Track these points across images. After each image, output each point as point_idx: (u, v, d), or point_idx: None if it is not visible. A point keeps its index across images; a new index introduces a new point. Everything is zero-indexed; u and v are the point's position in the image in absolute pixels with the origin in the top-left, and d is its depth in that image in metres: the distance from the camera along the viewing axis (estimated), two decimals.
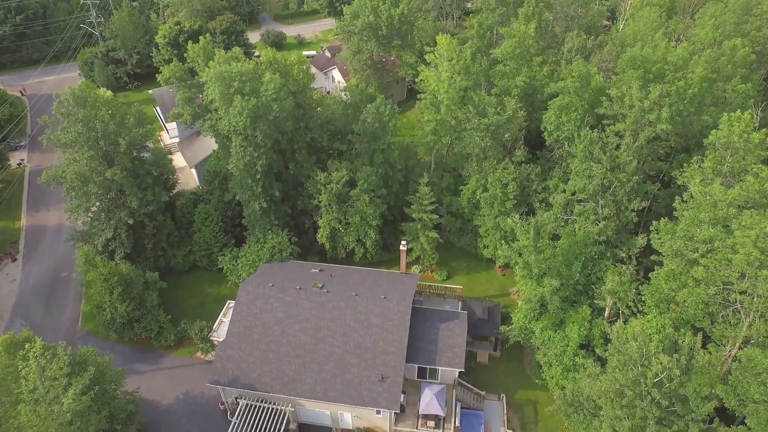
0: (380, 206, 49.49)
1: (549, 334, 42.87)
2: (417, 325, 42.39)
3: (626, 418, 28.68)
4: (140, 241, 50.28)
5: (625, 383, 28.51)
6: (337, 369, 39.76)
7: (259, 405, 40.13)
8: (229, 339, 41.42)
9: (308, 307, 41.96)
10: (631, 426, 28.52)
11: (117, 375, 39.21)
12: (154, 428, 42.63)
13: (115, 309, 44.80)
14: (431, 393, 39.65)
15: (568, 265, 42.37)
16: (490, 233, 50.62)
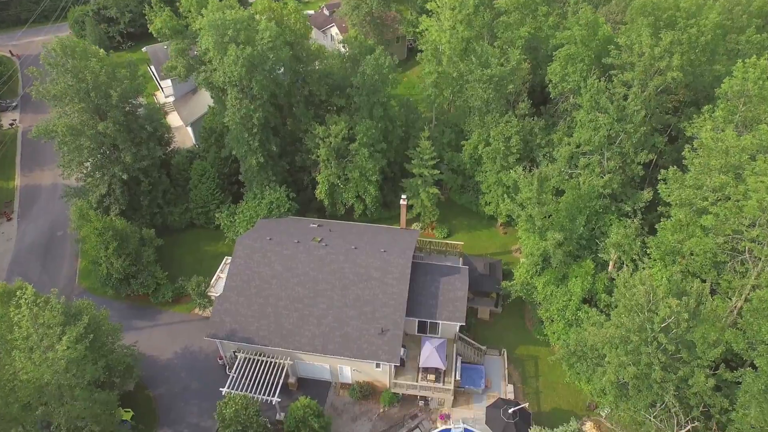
0: (380, 161, 48.31)
1: (551, 289, 42.18)
2: (417, 279, 41.67)
3: (631, 365, 28.04)
4: (135, 198, 49.29)
5: (632, 327, 27.78)
6: (335, 322, 39.19)
7: (257, 358, 39.70)
8: (226, 293, 40.76)
9: (306, 260, 41.18)
10: (636, 372, 27.89)
11: (113, 329, 38.72)
12: (152, 383, 42.34)
13: (111, 264, 44.07)
14: (432, 346, 39.15)
15: (572, 219, 41.44)
16: (492, 189, 49.56)
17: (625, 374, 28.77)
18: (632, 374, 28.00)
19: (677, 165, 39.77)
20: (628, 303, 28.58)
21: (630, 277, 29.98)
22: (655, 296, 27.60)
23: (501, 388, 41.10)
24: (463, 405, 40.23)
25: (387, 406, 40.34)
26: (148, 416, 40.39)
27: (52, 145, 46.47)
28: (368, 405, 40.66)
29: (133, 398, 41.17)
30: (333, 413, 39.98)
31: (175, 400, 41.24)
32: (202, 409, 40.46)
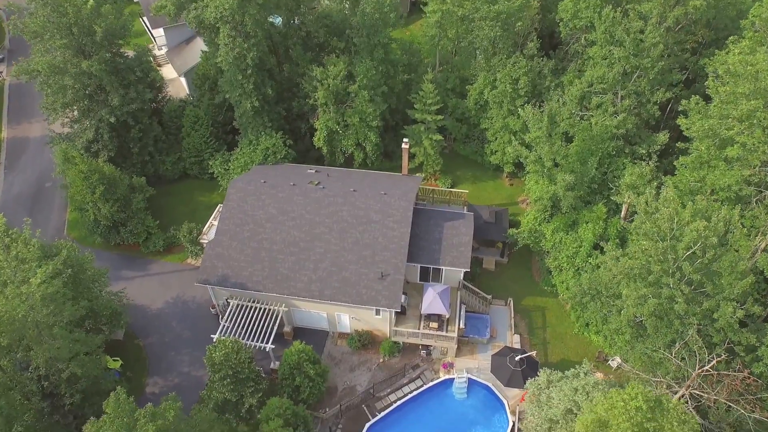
0: (381, 105, 45.38)
1: (560, 236, 39.61)
2: (420, 224, 39.13)
3: (651, 297, 25.55)
4: (125, 145, 46.55)
5: (654, 254, 25.19)
6: (333, 267, 36.75)
7: (251, 305, 37.39)
8: (218, 237, 38.30)
9: (303, 203, 38.62)
10: (656, 305, 25.40)
11: (98, 273, 36.40)
12: (142, 332, 40.16)
13: (98, 210, 41.55)
14: (434, 292, 36.74)
15: (583, 162, 38.69)
16: (498, 136, 46.69)
17: (644, 310, 26.28)
18: (652, 308, 25.50)
19: None
20: (650, 230, 25.95)
21: (652, 199, 27.23)
22: (680, 221, 24.96)
23: (507, 338, 38.78)
24: (467, 355, 37.96)
25: (387, 356, 38.10)
26: (137, 365, 38.28)
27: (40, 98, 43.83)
28: (367, 355, 38.43)
29: (122, 347, 39.02)
30: (330, 363, 37.79)
31: (166, 350, 39.09)
32: (193, 358, 38.32)
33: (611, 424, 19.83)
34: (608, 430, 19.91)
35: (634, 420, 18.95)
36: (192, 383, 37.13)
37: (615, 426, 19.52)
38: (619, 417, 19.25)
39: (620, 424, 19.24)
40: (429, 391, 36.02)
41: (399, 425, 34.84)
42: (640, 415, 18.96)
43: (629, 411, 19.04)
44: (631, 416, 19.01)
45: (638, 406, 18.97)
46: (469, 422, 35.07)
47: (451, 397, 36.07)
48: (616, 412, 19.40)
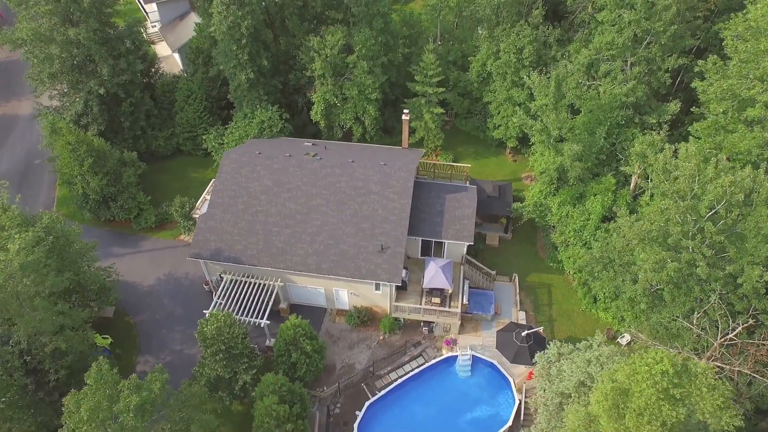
0: (380, 77, 43.28)
1: (567, 210, 37.70)
2: (421, 196, 37.15)
3: (670, 261, 23.63)
4: (116, 119, 44.48)
5: (676, 212, 23.22)
6: (331, 239, 34.79)
7: (245, 280, 35.45)
8: (211, 210, 36.29)
9: (299, 174, 36.60)
10: (677, 269, 23.48)
11: (86, 247, 34.40)
12: (133, 310, 38.22)
13: (87, 183, 39.51)
14: (436, 266, 34.81)
15: (591, 132, 36.75)
16: (501, 109, 44.67)
17: (662, 276, 24.35)
18: (671, 272, 23.56)
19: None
20: (669, 188, 23.99)
21: (671, 157, 25.21)
22: (702, 178, 22.98)
23: (512, 314, 36.90)
24: (470, 332, 36.07)
25: (387, 334, 36.21)
26: (127, 343, 36.36)
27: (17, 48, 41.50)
28: (367, 332, 36.52)
29: (112, 325, 37.10)
30: (328, 341, 35.90)
31: (158, 327, 37.16)
32: (186, 336, 36.40)
33: (632, 392, 17.97)
34: (630, 398, 18.05)
35: (660, 386, 17.09)
36: (184, 361, 35.24)
37: (637, 393, 17.66)
38: (643, 383, 17.40)
39: (643, 391, 17.39)
40: (431, 369, 34.14)
41: (400, 404, 33.00)
42: (666, 380, 17.10)
43: (654, 376, 17.18)
44: (656, 381, 17.15)
45: (664, 370, 17.12)
46: (473, 401, 33.21)
47: (454, 375, 34.19)
48: (638, 378, 17.54)
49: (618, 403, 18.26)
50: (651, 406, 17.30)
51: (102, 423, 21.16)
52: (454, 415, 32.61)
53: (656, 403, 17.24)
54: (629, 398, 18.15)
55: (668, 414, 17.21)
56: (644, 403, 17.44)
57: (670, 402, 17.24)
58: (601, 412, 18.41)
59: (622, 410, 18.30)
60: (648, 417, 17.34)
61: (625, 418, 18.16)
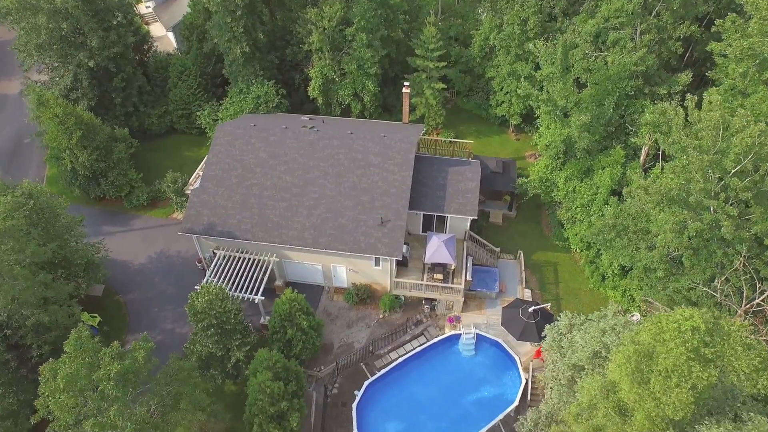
0: (380, 51, 41.44)
1: (574, 185, 35.88)
2: (422, 170, 35.39)
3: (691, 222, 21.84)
4: (107, 94, 42.63)
5: (700, 166, 21.40)
6: (329, 213, 32.99)
7: (239, 256, 33.63)
8: (204, 184, 34.47)
9: (296, 146, 34.80)
10: (699, 229, 21.67)
11: (73, 221, 32.64)
12: (123, 288, 36.37)
13: (76, 158, 37.64)
14: (439, 240, 33.03)
15: (599, 103, 34.98)
16: (504, 84, 42.87)
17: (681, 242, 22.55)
18: (693, 233, 21.76)
19: (711, 58, 33.05)
20: (690, 143, 22.18)
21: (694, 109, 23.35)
22: (728, 130, 21.18)
23: (517, 292, 35.09)
24: (474, 310, 34.27)
25: (387, 312, 34.40)
26: (116, 322, 34.50)
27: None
28: (366, 310, 34.72)
29: (101, 304, 35.24)
30: (326, 319, 34.09)
31: (148, 306, 35.32)
32: (177, 315, 34.55)
33: (658, 353, 16.20)
34: (655, 360, 16.29)
35: (690, 344, 15.33)
36: (176, 340, 33.39)
37: (664, 354, 15.90)
38: (670, 342, 15.64)
39: (671, 351, 15.64)
40: (433, 347, 32.35)
41: (400, 384, 31.20)
42: (697, 338, 15.34)
43: (684, 333, 15.43)
44: (685, 340, 15.39)
45: (695, 326, 15.36)
46: (477, 381, 31.43)
47: (457, 354, 32.42)
48: (666, 337, 15.78)
49: (642, 366, 16.49)
50: (680, 368, 15.54)
51: (80, 392, 19.36)
52: (458, 396, 30.82)
53: (685, 364, 15.49)
54: (654, 361, 16.38)
55: (699, 376, 15.46)
56: (672, 364, 15.67)
57: (701, 363, 15.49)
58: (623, 375, 16.63)
59: (647, 374, 16.53)
60: (676, 379, 15.59)
61: (650, 383, 16.39)
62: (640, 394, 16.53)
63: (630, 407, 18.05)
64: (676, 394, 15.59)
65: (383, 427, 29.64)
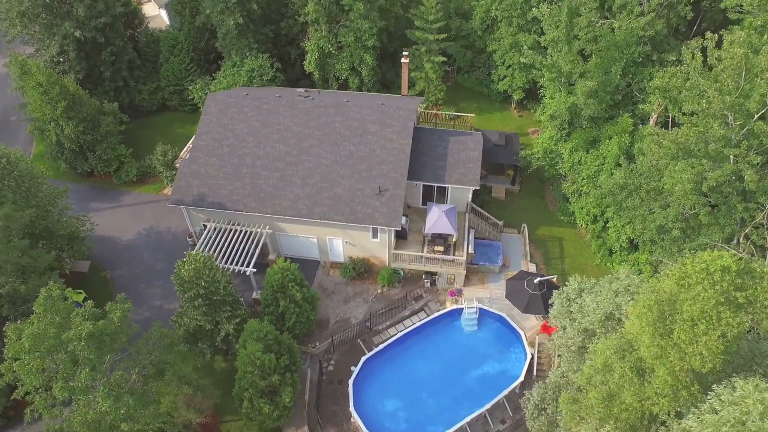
0: (378, 22, 39.75)
1: (579, 156, 34.27)
2: (423, 140, 33.74)
3: (710, 172, 20.14)
4: (96, 68, 40.97)
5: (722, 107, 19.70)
6: (324, 182, 31.32)
7: (230, 228, 31.95)
8: (194, 154, 32.82)
9: (290, 115, 33.14)
10: (719, 179, 19.97)
11: (56, 192, 31.03)
12: (110, 264, 34.69)
13: (61, 130, 35.98)
14: (440, 210, 31.36)
15: (606, 71, 33.35)
16: (506, 58, 41.20)
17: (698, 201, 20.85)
18: (713, 183, 20.06)
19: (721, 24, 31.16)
20: (710, 86, 20.49)
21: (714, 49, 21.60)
22: (751, 71, 19.50)
23: (521, 267, 33.38)
24: (477, 285, 32.56)
25: (386, 287, 32.70)
26: (102, 298, 31.94)
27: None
28: (363, 285, 33.01)
29: (87, 280, 33.52)
30: (322, 294, 32.37)
31: (136, 282, 33.63)
32: (166, 291, 32.84)
33: (682, 301, 14.52)
34: (678, 308, 14.60)
35: (720, 287, 13.67)
36: (164, 316, 31.45)
37: (690, 300, 14.21)
38: (698, 286, 13.97)
39: (698, 295, 13.97)
40: (434, 323, 30.65)
41: (399, 360, 29.49)
42: (727, 280, 13.68)
43: (713, 275, 13.77)
44: (714, 282, 13.73)
45: (725, 266, 13.69)
46: (480, 357, 29.72)
47: (459, 330, 30.72)
48: (692, 281, 14.11)
49: (664, 315, 14.81)
50: (708, 313, 13.87)
51: (48, 353, 17.66)
52: (460, 372, 29.10)
53: (714, 309, 13.82)
54: (678, 309, 14.70)
55: (729, 323, 13.79)
56: (699, 310, 14.00)
57: (731, 308, 13.82)
58: (644, 326, 14.93)
59: (669, 324, 14.85)
60: (704, 326, 13.90)
61: (673, 333, 14.71)
62: (663, 346, 14.84)
63: (649, 366, 16.36)
64: (704, 342, 13.90)
65: (381, 404, 27.94)
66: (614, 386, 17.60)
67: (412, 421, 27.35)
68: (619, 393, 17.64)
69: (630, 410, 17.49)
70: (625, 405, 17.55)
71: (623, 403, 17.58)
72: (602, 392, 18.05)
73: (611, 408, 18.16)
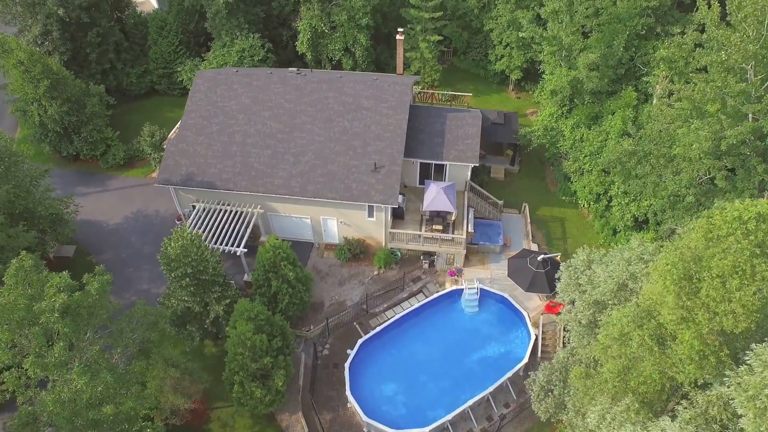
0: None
1: (581, 133, 32.84)
2: (419, 116, 32.22)
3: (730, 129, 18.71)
4: (81, 50, 39.18)
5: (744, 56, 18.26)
6: (317, 159, 29.73)
7: (220, 208, 30.31)
8: (182, 132, 31.15)
9: (281, 91, 31.54)
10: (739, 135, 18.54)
11: (38, 171, 29.30)
12: (96, 249, 32.92)
13: (44, 110, 34.21)
14: (438, 187, 29.83)
15: (608, 45, 31.96)
16: (504, 36, 39.75)
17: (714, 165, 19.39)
18: (734, 141, 18.61)
19: None
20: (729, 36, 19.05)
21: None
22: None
23: (523, 247, 31.93)
24: (477, 265, 31.04)
25: (383, 268, 31.13)
26: None
27: None
28: (359, 267, 31.41)
29: (72, 265, 31.69)
30: (316, 277, 30.77)
31: (123, 266, 31.87)
32: (154, 275, 31.15)
33: (710, 256, 13.05)
34: (706, 265, 13.13)
35: (755, 237, 12.21)
36: (151, 301, 29.44)
37: (719, 254, 12.74)
38: (729, 238, 12.52)
39: (730, 247, 12.52)
40: (433, 304, 29.10)
41: (397, 343, 27.92)
42: (764, 229, 12.23)
43: (747, 223, 12.32)
44: (748, 231, 12.28)
45: (762, 212, 12.24)
46: (482, 338, 28.17)
47: (460, 312, 29.18)
48: (722, 233, 12.65)
49: (691, 272, 13.34)
50: (741, 267, 12.40)
51: (19, 326, 16.00)
52: (461, 354, 27.54)
53: (748, 262, 12.37)
54: (706, 266, 13.22)
55: (765, 276, 12.32)
56: (731, 264, 12.52)
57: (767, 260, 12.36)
58: (668, 286, 13.44)
59: (696, 283, 13.37)
60: (737, 282, 12.44)
61: (700, 293, 13.24)
62: (690, 307, 13.35)
63: (671, 333, 14.87)
64: (738, 298, 12.43)
65: (379, 388, 26.35)
66: (632, 357, 16.12)
67: (412, 405, 25.78)
68: (636, 364, 16.16)
69: (648, 383, 16.01)
70: (643, 377, 16.07)
71: (641, 375, 16.10)
72: (618, 365, 16.56)
73: (627, 382, 16.70)
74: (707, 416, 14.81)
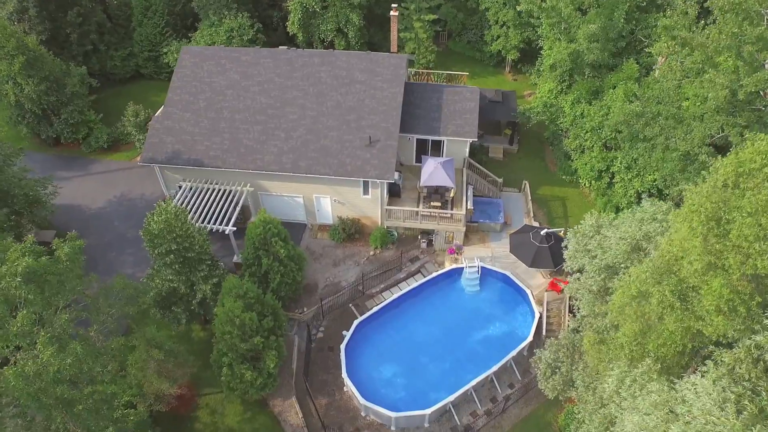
0: None
1: (582, 108, 31.81)
2: (415, 92, 31.08)
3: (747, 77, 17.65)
4: (62, 30, 37.72)
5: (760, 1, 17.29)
6: (309, 135, 28.45)
7: (207, 187, 28.92)
8: (168, 109, 29.78)
9: (272, 66, 30.27)
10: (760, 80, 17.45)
11: (11, 151, 27.83)
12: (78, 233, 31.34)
13: (21, 89, 32.68)
14: (435, 162, 28.64)
15: (608, 17, 30.99)
16: (500, 14, 38.77)
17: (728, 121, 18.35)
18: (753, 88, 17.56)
19: None
20: None
21: None
22: None
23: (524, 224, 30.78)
24: (477, 244, 29.82)
25: (379, 248, 29.84)
26: None
27: None
28: (355, 248, 30.09)
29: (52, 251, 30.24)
30: (309, 258, 29.43)
31: (106, 251, 30.38)
32: (139, 258, 29.65)
33: (740, 193, 11.88)
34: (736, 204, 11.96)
35: None
36: None
37: (752, 191, 11.58)
38: (763, 170, 11.39)
39: (764, 182, 11.40)
40: (432, 283, 27.84)
41: (395, 324, 26.60)
42: None
43: None
44: None
45: None
46: (484, 318, 26.93)
47: (460, 291, 27.93)
48: (755, 165, 11.50)
49: (720, 213, 12.20)
50: None
51: None
52: (463, 335, 26.25)
53: None
54: (735, 206, 12.08)
55: None
56: (765, 199, 11.39)
57: None
58: (697, 225, 12.28)
59: (725, 225, 12.23)
60: None
61: (730, 234, 12.09)
62: (719, 250, 12.19)
63: (696, 286, 13.70)
64: None
65: (377, 370, 24.99)
66: (651, 317, 14.93)
67: (412, 387, 24.43)
68: (656, 325, 14.97)
69: (669, 344, 14.83)
70: (663, 339, 14.89)
71: (661, 336, 14.91)
72: (635, 327, 15.37)
73: (645, 345, 15.51)
74: (734, 375, 13.64)
